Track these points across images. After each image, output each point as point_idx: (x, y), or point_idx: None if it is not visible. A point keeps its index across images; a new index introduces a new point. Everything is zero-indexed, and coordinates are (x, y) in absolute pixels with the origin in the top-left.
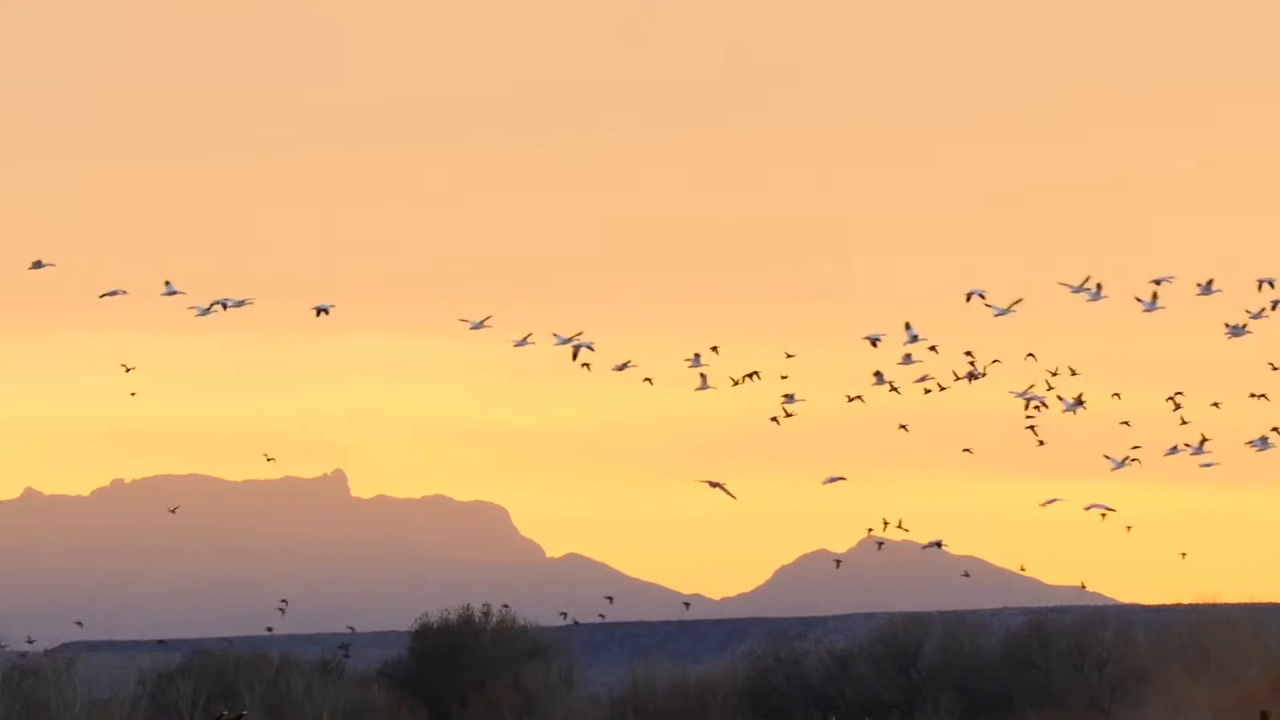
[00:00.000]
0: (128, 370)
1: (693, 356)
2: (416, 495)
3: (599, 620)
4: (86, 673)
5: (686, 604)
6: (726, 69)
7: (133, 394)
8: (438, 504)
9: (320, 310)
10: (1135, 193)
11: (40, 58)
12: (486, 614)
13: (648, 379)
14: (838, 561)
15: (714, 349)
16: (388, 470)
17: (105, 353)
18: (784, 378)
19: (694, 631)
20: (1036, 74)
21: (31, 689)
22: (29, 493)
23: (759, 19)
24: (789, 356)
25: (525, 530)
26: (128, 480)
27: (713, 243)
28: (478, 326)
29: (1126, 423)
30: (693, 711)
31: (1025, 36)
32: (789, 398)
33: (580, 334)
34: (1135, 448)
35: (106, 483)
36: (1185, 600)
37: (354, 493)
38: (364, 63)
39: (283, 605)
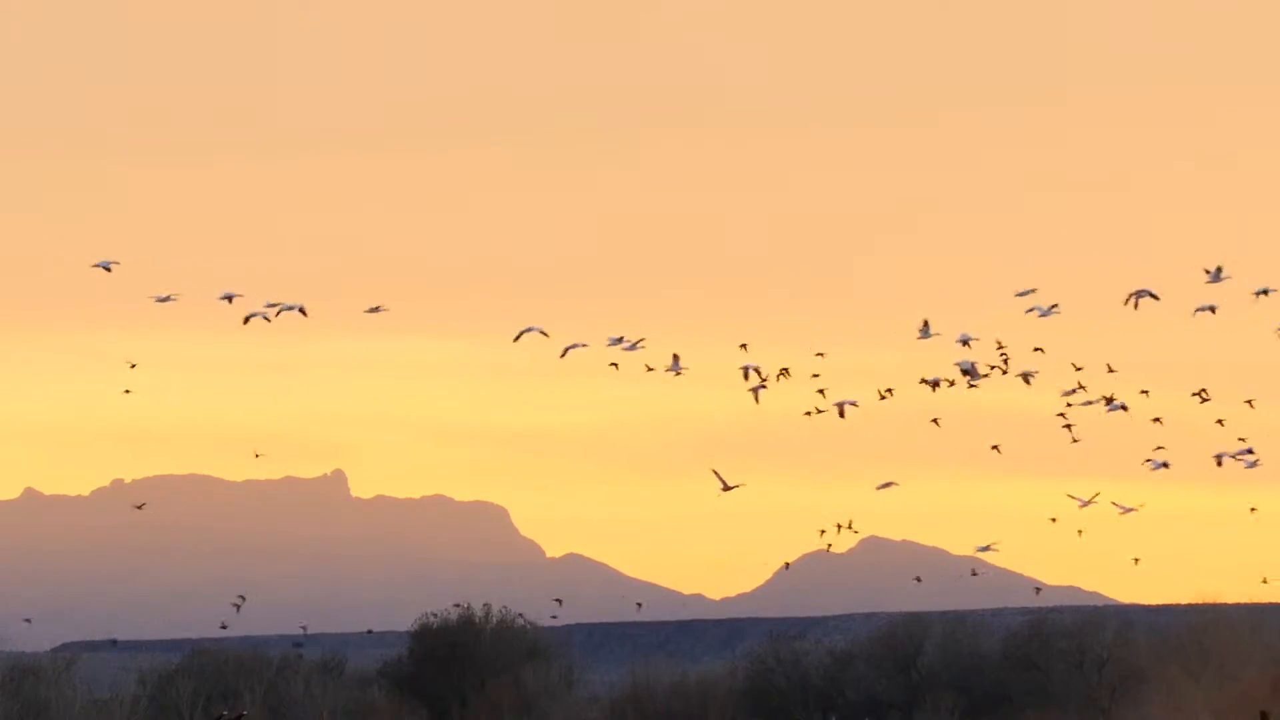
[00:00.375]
0: (133, 366)
1: (750, 365)
2: (416, 495)
3: (553, 623)
4: (86, 673)
5: (639, 604)
6: (760, 68)
7: (127, 391)
8: (438, 504)
9: (373, 310)
10: (1173, 191)
11: (48, 58)
12: (487, 614)
13: (650, 368)
14: (787, 564)
15: (742, 346)
16: (388, 470)
17: (106, 353)
18: (815, 376)
19: (694, 631)
20: (1067, 73)
21: (31, 689)
22: (29, 493)
23: (795, 18)
24: (819, 355)
25: (525, 530)
26: (128, 480)
27: (739, 242)
28: (527, 332)
29: (1159, 419)
30: (693, 711)
31: (1059, 35)
32: (852, 403)
33: (641, 340)
34: (1159, 448)
35: (106, 483)
36: (1185, 600)
37: (354, 493)
38: (368, 62)
39: (239, 600)
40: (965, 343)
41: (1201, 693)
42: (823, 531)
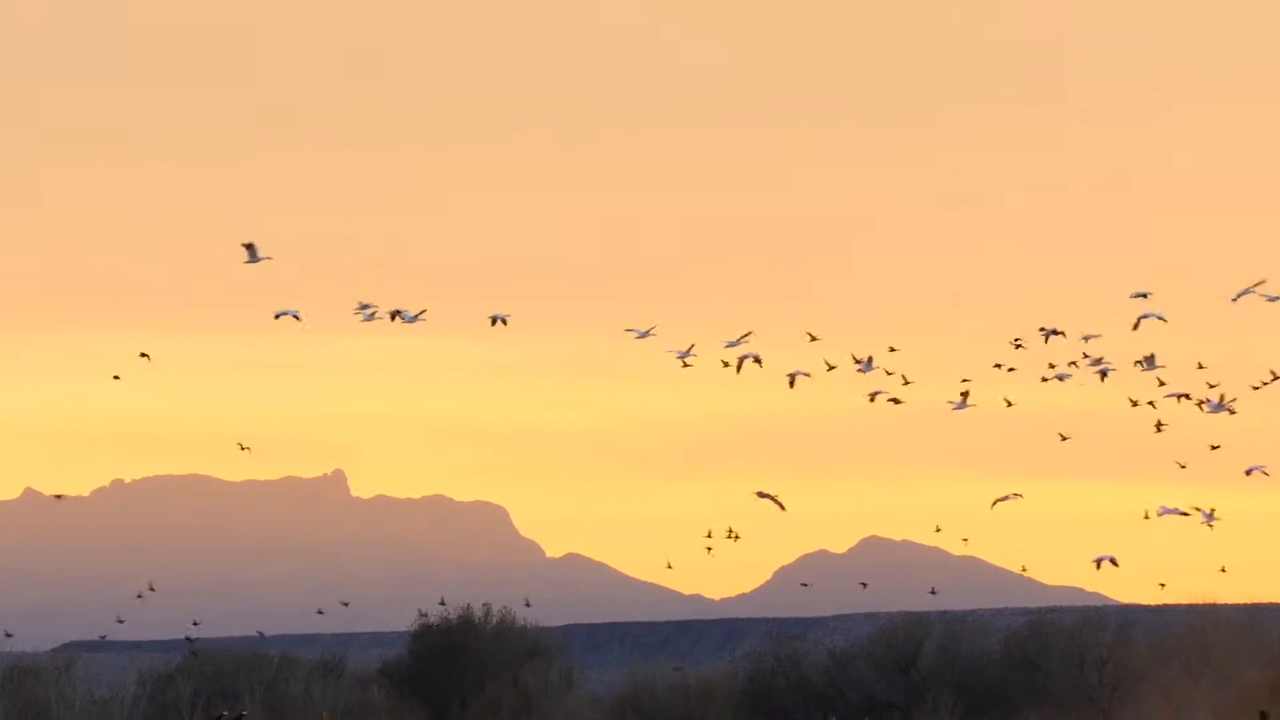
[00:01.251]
0: (144, 356)
1: (865, 360)
2: (416, 495)
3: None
4: (86, 673)
5: (528, 602)
6: (760, 69)
7: (116, 377)
8: (438, 504)
9: (496, 320)
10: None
11: (48, 58)
12: (486, 614)
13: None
14: (669, 564)
15: (812, 338)
16: (388, 470)
17: (106, 353)
18: (889, 373)
19: (694, 631)
20: (1067, 73)
21: (31, 689)
22: (29, 493)
23: (796, 18)
24: (892, 350)
25: (525, 530)
26: (128, 480)
27: (740, 242)
28: (643, 336)
29: (1232, 410)
30: (692, 711)
31: (1060, 35)
32: (963, 401)
33: (747, 337)
34: (1214, 447)
35: (106, 483)
36: (1185, 600)
37: (354, 493)
38: (366, 61)
39: (146, 589)
40: (1087, 340)
41: (1201, 693)
42: (709, 534)
